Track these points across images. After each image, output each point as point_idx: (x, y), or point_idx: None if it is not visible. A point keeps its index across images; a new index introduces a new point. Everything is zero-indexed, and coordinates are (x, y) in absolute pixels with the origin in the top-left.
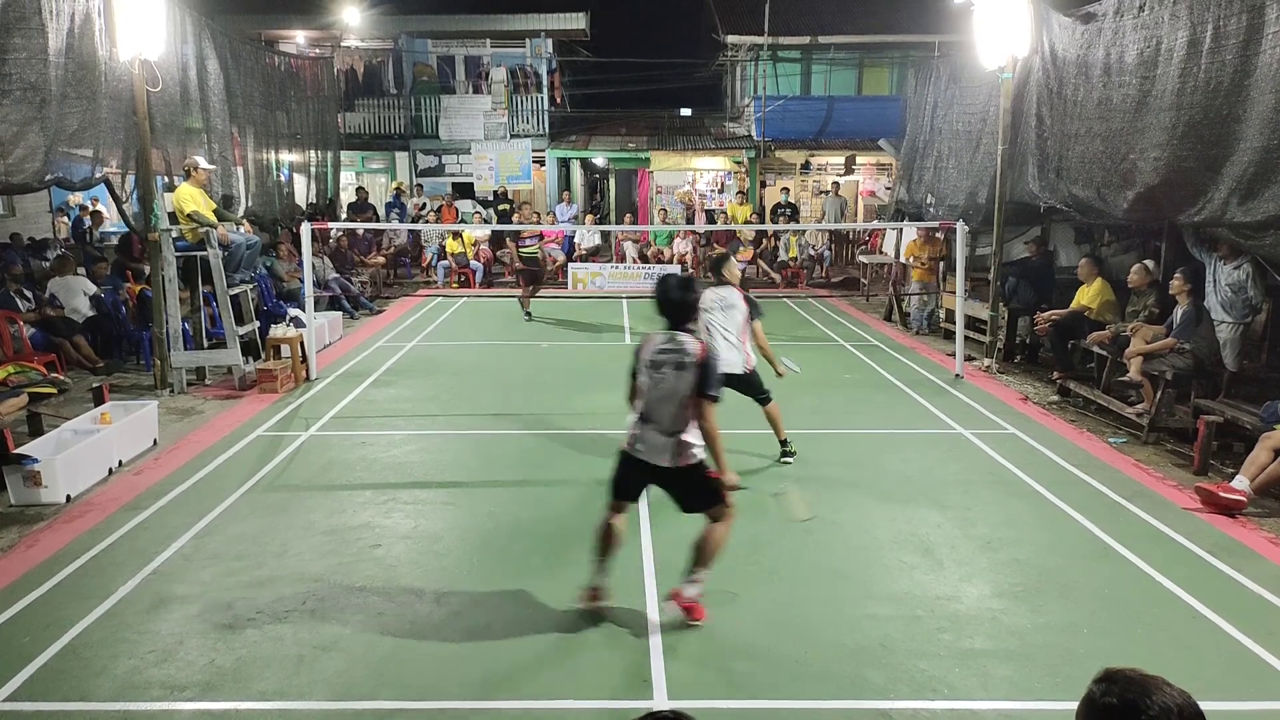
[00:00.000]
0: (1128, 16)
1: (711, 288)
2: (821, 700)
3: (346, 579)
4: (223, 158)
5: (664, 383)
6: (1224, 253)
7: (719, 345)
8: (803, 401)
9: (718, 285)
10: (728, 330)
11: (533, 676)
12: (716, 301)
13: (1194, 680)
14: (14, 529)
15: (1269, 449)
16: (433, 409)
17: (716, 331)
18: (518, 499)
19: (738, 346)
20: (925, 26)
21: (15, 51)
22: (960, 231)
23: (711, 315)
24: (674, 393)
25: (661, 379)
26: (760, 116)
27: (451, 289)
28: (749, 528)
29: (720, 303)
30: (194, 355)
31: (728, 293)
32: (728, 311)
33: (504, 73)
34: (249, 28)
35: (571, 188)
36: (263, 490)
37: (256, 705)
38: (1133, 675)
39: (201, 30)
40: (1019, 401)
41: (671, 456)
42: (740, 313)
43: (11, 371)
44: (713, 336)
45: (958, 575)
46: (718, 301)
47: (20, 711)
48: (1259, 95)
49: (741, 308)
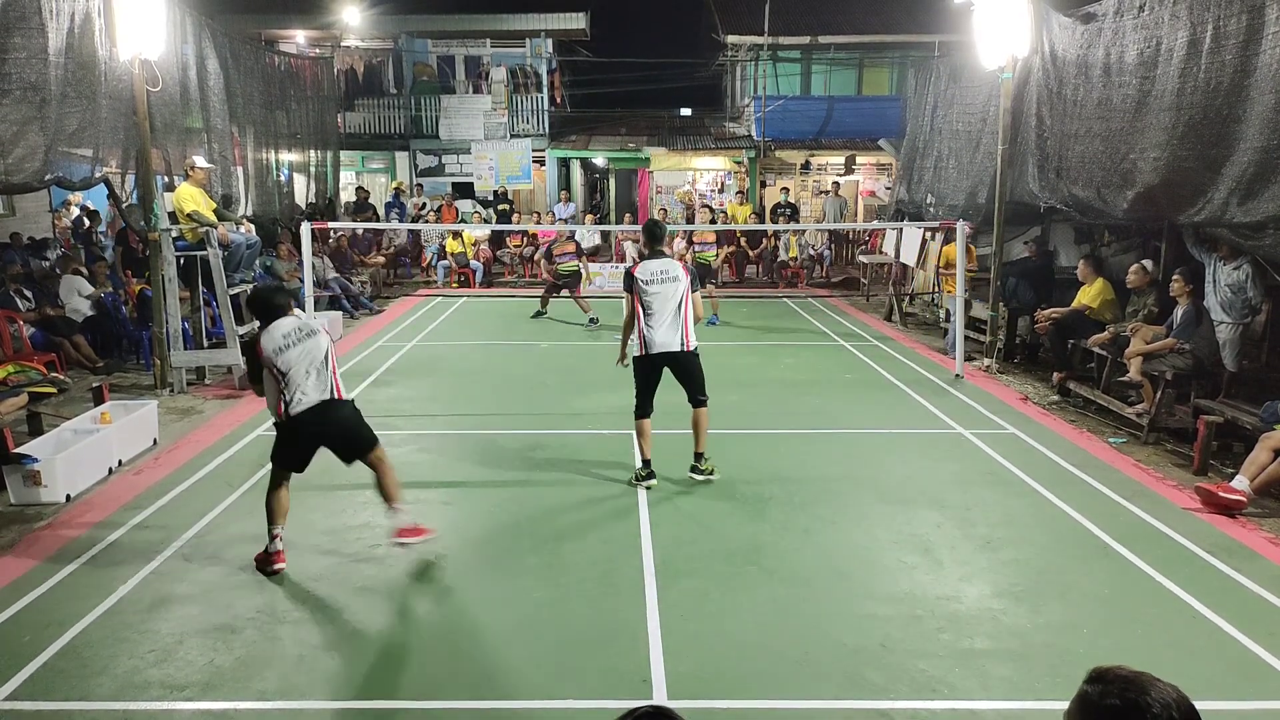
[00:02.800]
0: (1128, 16)
1: (652, 259)
2: (821, 700)
3: (346, 579)
4: (222, 157)
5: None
6: (1224, 253)
7: (656, 324)
8: (803, 401)
9: (656, 257)
10: (668, 306)
11: (533, 676)
12: (657, 274)
13: (1194, 680)
14: (14, 528)
15: (1269, 449)
16: (433, 409)
17: (656, 308)
18: (518, 499)
19: (678, 324)
20: (925, 26)
21: (15, 51)
22: (961, 231)
23: (652, 288)
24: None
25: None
26: (760, 116)
27: (451, 289)
28: (749, 528)
29: (661, 275)
30: (194, 355)
31: (669, 264)
32: (670, 284)
33: (504, 73)
34: (249, 27)
35: (571, 188)
36: (263, 490)
37: (256, 705)
38: (1126, 674)
39: (201, 30)
40: (1019, 401)
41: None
42: (682, 285)
43: (11, 371)
44: (651, 314)
45: (958, 575)
46: (659, 274)
47: (20, 711)
48: (1259, 95)
49: (684, 279)
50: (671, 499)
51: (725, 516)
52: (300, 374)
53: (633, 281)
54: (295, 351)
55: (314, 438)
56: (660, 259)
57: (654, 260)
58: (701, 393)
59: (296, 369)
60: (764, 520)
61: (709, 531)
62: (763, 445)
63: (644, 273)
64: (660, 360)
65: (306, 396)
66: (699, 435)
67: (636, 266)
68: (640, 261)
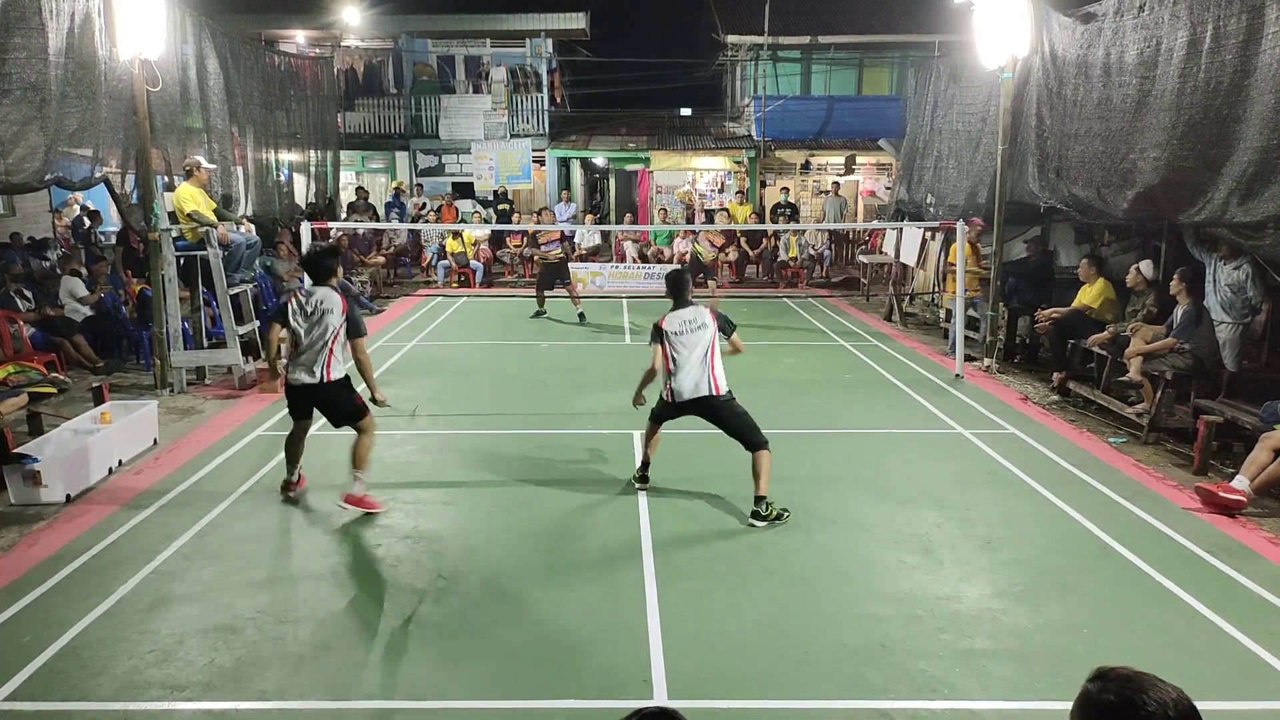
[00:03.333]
0: (1128, 16)
1: (680, 309)
2: (821, 700)
3: (346, 579)
4: (222, 157)
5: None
6: (1224, 253)
7: (684, 374)
8: (803, 401)
9: (684, 307)
10: (694, 354)
11: (532, 676)
12: (687, 324)
13: (1194, 680)
14: (14, 529)
15: (1269, 449)
16: (433, 409)
17: (683, 359)
18: (518, 499)
19: (705, 368)
20: (925, 26)
21: (15, 51)
22: (960, 231)
23: (680, 339)
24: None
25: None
26: (760, 116)
27: (451, 289)
28: (748, 528)
29: (690, 324)
30: (194, 355)
31: (698, 313)
32: (699, 332)
33: (504, 72)
34: (249, 27)
35: (571, 188)
36: (263, 490)
37: (256, 705)
38: (1127, 673)
39: (201, 30)
40: (1019, 401)
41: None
42: (709, 331)
43: (11, 371)
44: (678, 366)
45: (958, 575)
46: (688, 324)
47: (20, 711)
48: (1259, 95)
49: (711, 325)
50: (671, 499)
51: (725, 516)
52: (306, 345)
53: (660, 335)
54: (308, 323)
55: (303, 402)
56: (688, 308)
57: (682, 310)
58: (756, 435)
59: (305, 340)
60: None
61: (709, 531)
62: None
63: (672, 324)
64: (689, 408)
65: (301, 371)
66: (758, 479)
67: (664, 319)
68: (668, 314)
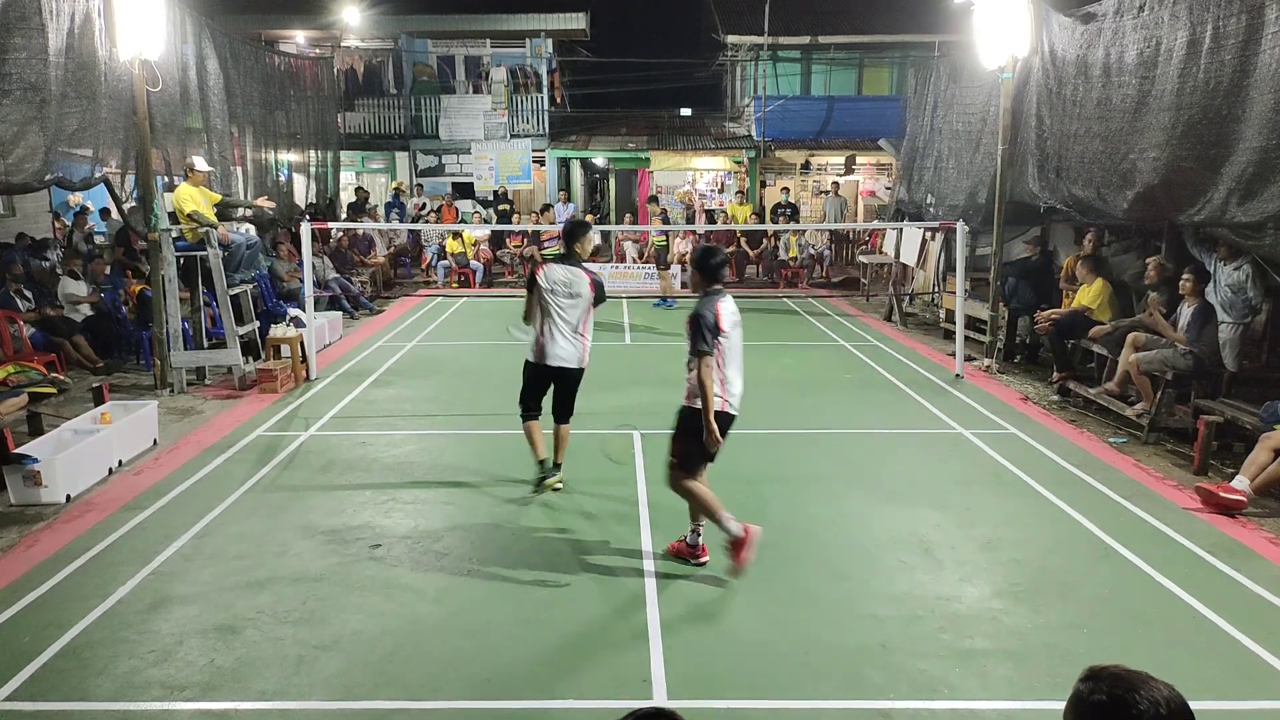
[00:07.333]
0: (1127, 16)
1: (559, 265)
2: (821, 700)
3: (346, 579)
4: (222, 158)
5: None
6: (1224, 253)
7: (558, 337)
8: (803, 401)
9: (567, 263)
10: (567, 319)
11: (533, 676)
12: (562, 285)
13: (1194, 680)
14: (14, 529)
15: (1269, 449)
16: (433, 409)
17: (557, 320)
18: (517, 499)
19: (575, 340)
20: (925, 26)
21: (15, 51)
22: (960, 231)
23: (556, 300)
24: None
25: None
26: (760, 116)
27: (451, 289)
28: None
29: (566, 287)
30: (194, 355)
31: (575, 276)
32: (574, 299)
33: (504, 73)
34: (249, 28)
35: (571, 188)
36: (263, 490)
37: (256, 705)
38: (1119, 672)
39: (201, 30)
40: (1019, 401)
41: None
42: (585, 301)
43: (11, 371)
44: (553, 325)
45: (958, 575)
46: (564, 285)
47: (20, 711)
48: (1258, 95)
49: (588, 295)
50: (671, 499)
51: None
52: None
53: (533, 284)
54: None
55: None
56: (571, 268)
57: (562, 267)
58: (572, 408)
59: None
60: (764, 520)
61: (709, 531)
62: (762, 445)
63: (547, 279)
64: (549, 373)
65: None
66: (561, 448)
67: (541, 268)
68: (548, 263)
